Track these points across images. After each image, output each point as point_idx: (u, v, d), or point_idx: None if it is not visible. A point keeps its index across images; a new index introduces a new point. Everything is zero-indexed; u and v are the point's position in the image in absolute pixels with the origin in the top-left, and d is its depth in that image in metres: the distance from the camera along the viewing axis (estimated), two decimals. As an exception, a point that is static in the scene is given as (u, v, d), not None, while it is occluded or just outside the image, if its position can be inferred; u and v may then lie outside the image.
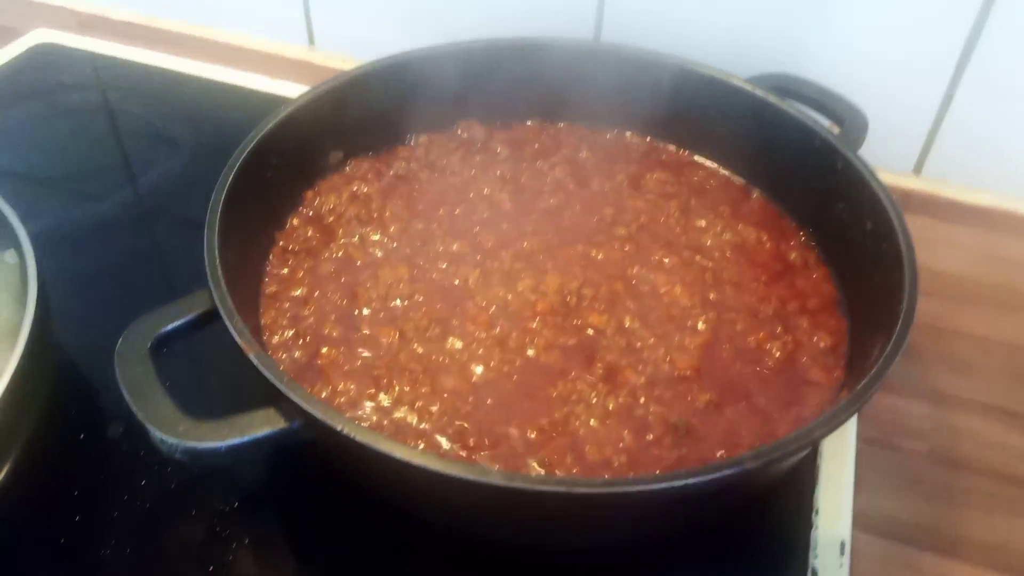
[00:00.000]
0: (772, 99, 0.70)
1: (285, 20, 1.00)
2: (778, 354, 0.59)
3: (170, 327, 0.50)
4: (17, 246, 0.59)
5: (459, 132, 0.78)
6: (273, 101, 0.90)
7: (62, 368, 0.62)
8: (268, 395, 0.47)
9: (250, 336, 0.48)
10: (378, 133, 0.74)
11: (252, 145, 0.61)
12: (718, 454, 0.52)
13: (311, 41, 1.01)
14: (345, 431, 0.43)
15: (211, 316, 0.51)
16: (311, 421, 0.44)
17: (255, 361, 0.46)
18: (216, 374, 0.60)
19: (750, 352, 0.59)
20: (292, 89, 0.92)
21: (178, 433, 0.44)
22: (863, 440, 0.61)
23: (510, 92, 0.77)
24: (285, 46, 1.02)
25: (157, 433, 0.44)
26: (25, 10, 1.08)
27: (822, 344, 0.60)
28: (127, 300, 0.69)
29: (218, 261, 0.52)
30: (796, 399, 0.56)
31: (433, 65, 0.74)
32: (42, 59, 0.99)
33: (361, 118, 0.72)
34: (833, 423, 0.46)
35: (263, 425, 0.45)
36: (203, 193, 0.58)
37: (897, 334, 0.50)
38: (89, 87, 0.95)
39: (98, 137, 0.88)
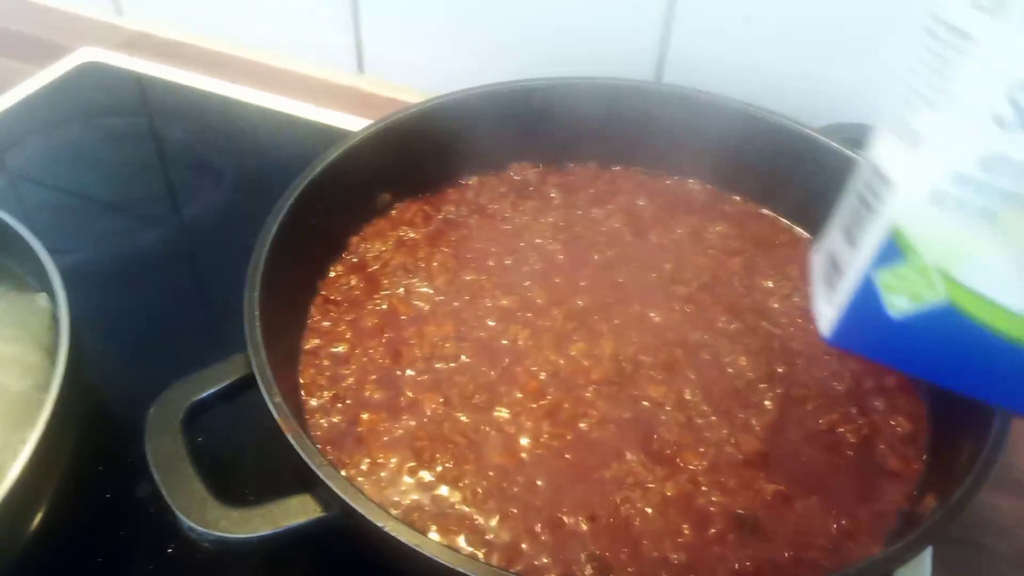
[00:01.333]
0: (848, 151, 0.66)
1: (335, 44, 0.97)
2: (853, 440, 0.54)
3: (204, 395, 0.47)
4: (50, 290, 0.56)
5: (511, 174, 0.74)
6: (319, 129, 0.88)
7: (91, 418, 0.59)
8: (304, 475, 0.43)
9: (288, 412, 0.45)
10: (428, 174, 0.71)
11: (297, 193, 0.58)
12: (786, 554, 0.48)
13: (360, 67, 0.98)
14: (388, 529, 0.40)
15: (248, 382, 0.48)
16: (350, 513, 0.41)
17: (293, 442, 0.43)
18: (247, 439, 0.56)
19: (822, 436, 0.54)
20: (339, 118, 0.89)
21: (207, 522, 0.41)
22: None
23: (566, 134, 0.74)
24: (333, 71, 0.99)
25: (186, 521, 0.41)
26: (69, 25, 1.07)
27: (900, 430, 0.55)
28: (162, 341, 0.67)
29: (258, 324, 0.49)
30: (872, 494, 0.51)
31: (489, 104, 0.70)
32: (87, 79, 0.97)
33: (412, 159, 0.69)
34: (925, 539, 0.42)
35: (298, 514, 0.42)
36: (246, 228, 0.56)
37: (994, 438, 0.46)
38: (133, 110, 0.93)
39: (140, 164, 0.86)
